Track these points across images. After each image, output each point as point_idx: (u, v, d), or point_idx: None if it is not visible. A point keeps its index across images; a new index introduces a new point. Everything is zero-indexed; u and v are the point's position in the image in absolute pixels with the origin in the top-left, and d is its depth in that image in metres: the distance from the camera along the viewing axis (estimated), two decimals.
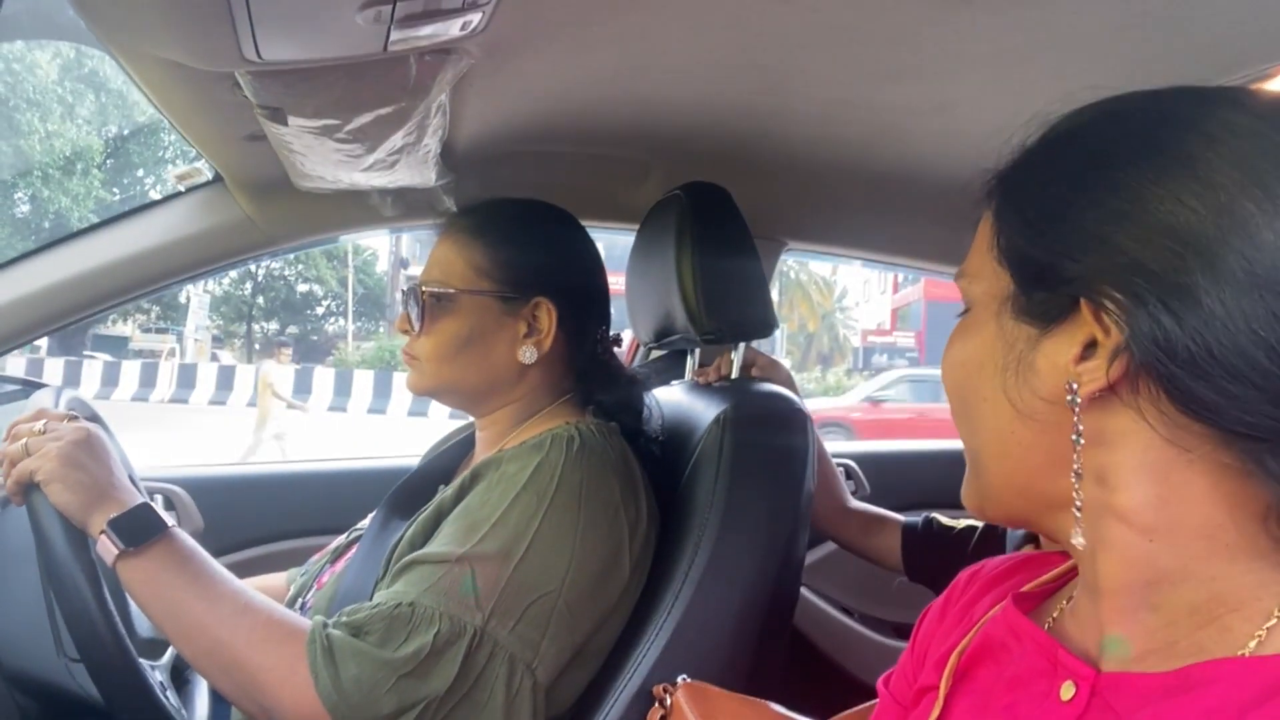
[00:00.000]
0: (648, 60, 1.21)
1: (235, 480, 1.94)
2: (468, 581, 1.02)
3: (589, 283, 1.28)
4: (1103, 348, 0.52)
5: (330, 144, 1.21)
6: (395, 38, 0.90)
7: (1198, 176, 0.50)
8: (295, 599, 1.26)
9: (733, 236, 1.35)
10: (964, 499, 0.64)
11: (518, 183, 1.70)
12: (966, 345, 0.60)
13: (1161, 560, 0.52)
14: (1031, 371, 0.55)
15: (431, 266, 1.24)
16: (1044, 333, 0.55)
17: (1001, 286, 0.57)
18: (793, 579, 1.23)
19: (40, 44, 19.84)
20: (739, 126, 1.49)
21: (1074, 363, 0.53)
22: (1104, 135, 0.55)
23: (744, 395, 1.29)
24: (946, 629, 0.71)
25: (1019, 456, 0.57)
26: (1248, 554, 0.51)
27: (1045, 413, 0.55)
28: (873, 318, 31.23)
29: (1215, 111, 0.52)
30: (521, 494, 1.07)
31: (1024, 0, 0.99)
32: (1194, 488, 0.51)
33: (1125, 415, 0.52)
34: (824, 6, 1.02)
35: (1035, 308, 0.55)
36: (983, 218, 0.62)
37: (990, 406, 0.58)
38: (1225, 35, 1.07)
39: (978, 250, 0.61)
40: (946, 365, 0.62)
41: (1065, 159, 0.56)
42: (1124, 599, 0.54)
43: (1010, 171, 0.59)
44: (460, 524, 1.08)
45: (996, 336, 0.57)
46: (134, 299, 1.62)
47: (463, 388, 1.23)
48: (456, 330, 1.20)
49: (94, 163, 21.53)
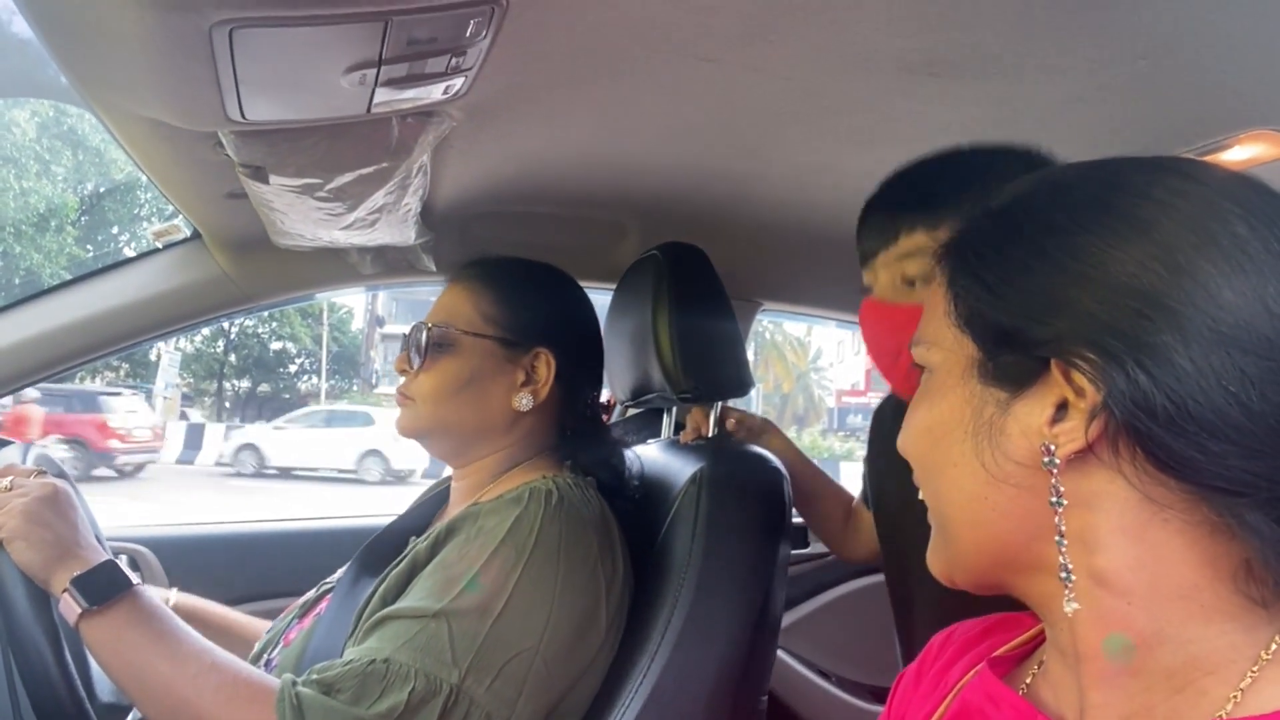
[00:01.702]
0: (626, 125, 1.23)
1: (203, 540, 1.90)
2: (444, 638, 1.00)
3: (587, 342, 1.31)
4: (1077, 408, 0.52)
5: (311, 202, 1.21)
6: (379, 100, 0.92)
7: (1154, 240, 0.51)
8: (260, 655, 1.23)
9: (709, 296, 1.37)
10: (931, 566, 0.63)
11: (496, 241, 1.72)
12: (932, 411, 0.60)
13: (1139, 623, 0.52)
14: (1003, 435, 0.55)
15: (438, 310, 1.26)
16: (1014, 396, 0.55)
17: (965, 353, 0.58)
18: (769, 640, 1.22)
19: (19, 102, 19.90)
20: (715, 189, 1.52)
21: (1047, 424, 0.53)
22: (1055, 202, 0.56)
23: (720, 454, 1.29)
24: (923, 695, 0.70)
25: (992, 521, 0.57)
26: (1221, 615, 0.51)
27: (1019, 476, 0.55)
28: (847, 378, 31.42)
29: (1162, 179, 0.54)
30: (500, 548, 1.06)
31: (988, 73, 1.03)
32: (1171, 547, 0.51)
33: (1101, 475, 0.52)
34: (797, 75, 1.05)
35: (1004, 372, 0.55)
36: (932, 288, 0.63)
37: (961, 471, 0.57)
38: (1180, 109, 1.12)
39: (932, 317, 0.61)
40: (911, 433, 0.62)
41: (1017, 226, 0.57)
42: (1104, 663, 0.54)
43: (960, 239, 0.60)
44: (436, 578, 1.06)
45: (964, 401, 0.57)
46: (107, 355, 1.60)
47: (456, 429, 1.23)
48: (457, 371, 1.21)
49: (68, 219, 21.43)
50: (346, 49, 0.81)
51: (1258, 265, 0.50)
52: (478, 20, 0.82)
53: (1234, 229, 0.51)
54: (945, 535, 0.61)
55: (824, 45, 0.97)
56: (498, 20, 0.83)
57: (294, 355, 28.08)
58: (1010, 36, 0.96)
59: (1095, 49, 0.98)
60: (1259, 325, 0.49)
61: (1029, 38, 0.96)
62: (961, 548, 0.59)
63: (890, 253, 1.05)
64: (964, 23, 0.93)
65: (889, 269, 1.06)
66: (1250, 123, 1.15)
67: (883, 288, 1.08)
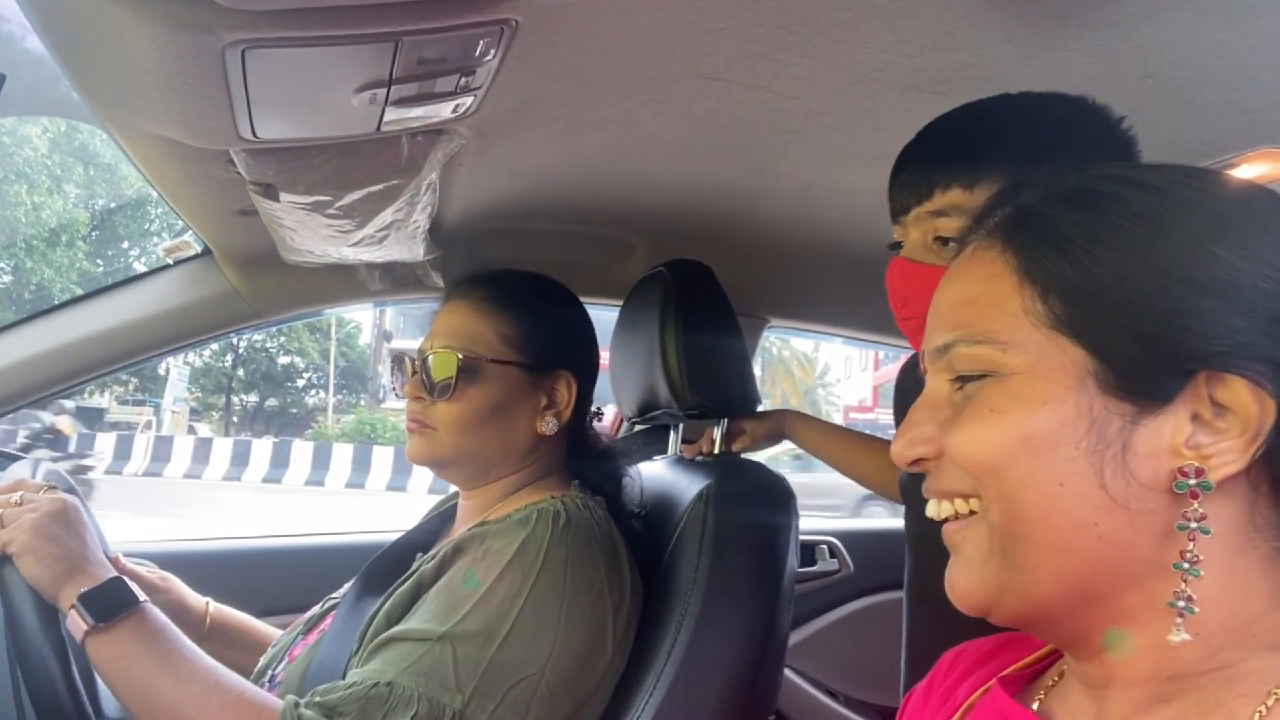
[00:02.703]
0: (633, 142, 1.24)
1: (210, 555, 1.90)
2: (448, 662, 1.00)
3: (596, 360, 1.31)
4: (1214, 427, 0.48)
5: (321, 219, 1.22)
6: (389, 119, 0.93)
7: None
8: (265, 671, 1.23)
9: (716, 313, 1.37)
10: (970, 590, 0.56)
11: (504, 258, 1.72)
12: (1032, 419, 0.52)
13: (1192, 655, 0.50)
14: (1133, 453, 0.49)
15: (452, 333, 1.21)
16: (1143, 410, 0.49)
17: (1070, 359, 0.51)
18: (776, 659, 1.21)
19: (33, 119, 20.08)
20: (722, 207, 1.52)
21: (1185, 444, 0.48)
22: (1148, 202, 0.52)
23: (727, 471, 1.29)
24: (930, 712, 0.69)
25: (1090, 550, 0.51)
26: (1268, 646, 0.50)
27: (1140, 500, 0.49)
28: (855, 394, 31.36)
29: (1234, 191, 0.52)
30: (506, 571, 1.06)
31: (993, 91, 1.02)
32: (1251, 579, 0.49)
33: (1227, 502, 0.48)
34: (804, 94, 1.05)
35: (1137, 384, 0.49)
36: (975, 268, 0.57)
37: (1069, 490, 0.51)
38: (1187, 127, 1.12)
39: (995, 312, 0.54)
40: (988, 440, 0.53)
41: (1110, 221, 0.52)
42: (1141, 691, 0.52)
43: (1033, 225, 0.55)
44: (441, 601, 1.06)
45: (1078, 414, 0.51)
46: (118, 370, 1.61)
47: (480, 458, 1.21)
48: (485, 399, 1.18)
49: (79, 234, 21.58)
50: (357, 69, 0.81)
51: None
52: (487, 40, 0.82)
53: None
54: (1014, 562, 0.53)
55: (830, 64, 0.98)
56: (507, 40, 0.84)
57: (302, 370, 28.15)
58: (1015, 55, 0.96)
59: (1101, 68, 0.98)
60: None
61: (1034, 56, 0.96)
62: (1034, 575, 0.53)
63: (923, 209, 0.99)
64: (969, 42, 0.93)
65: (920, 226, 1.00)
66: (1257, 141, 1.15)
67: (913, 246, 1.01)
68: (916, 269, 1.01)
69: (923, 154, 1.00)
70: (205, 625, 1.38)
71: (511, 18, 0.81)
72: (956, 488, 0.56)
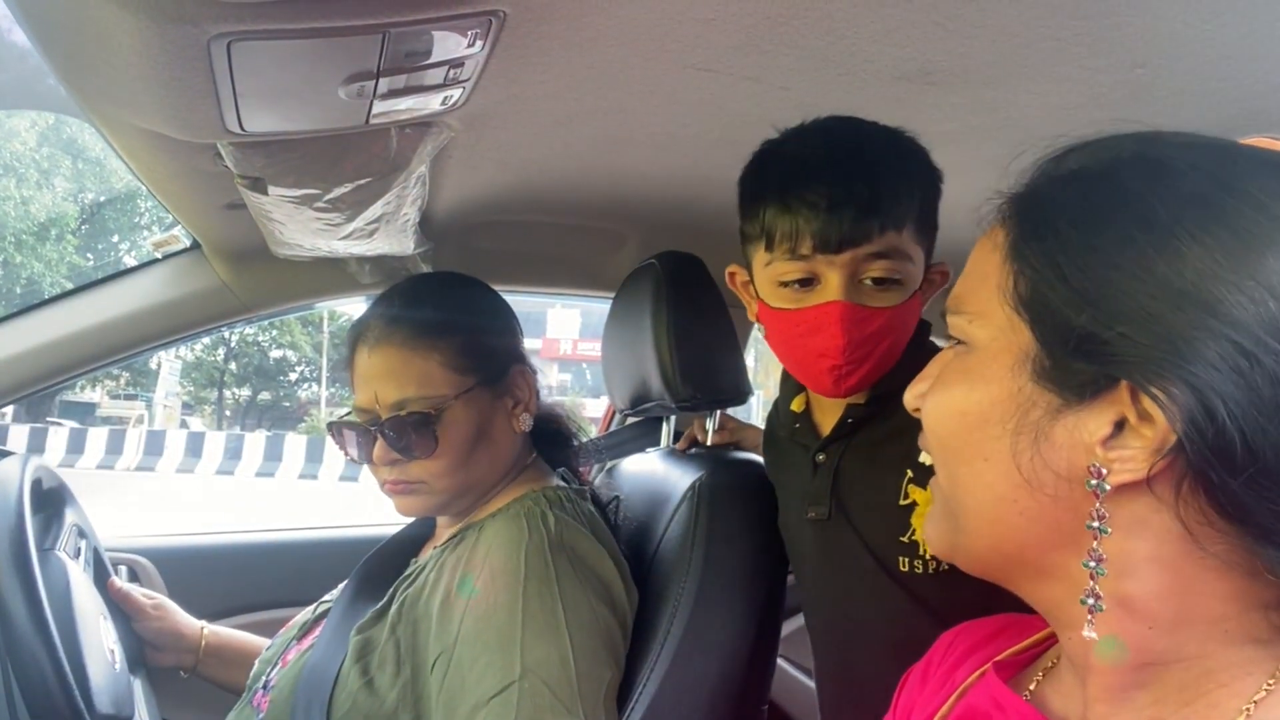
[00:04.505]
0: (623, 135, 1.24)
1: (203, 550, 1.90)
2: (544, 692, 0.97)
3: (523, 335, 1.28)
4: (1138, 433, 0.48)
5: (310, 213, 1.22)
6: (377, 111, 0.92)
7: (1271, 268, 0.46)
8: (259, 676, 1.23)
9: (708, 305, 1.37)
10: (929, 539, 0.60)
11: (494, 251, 1.72)
12: (970, 395, 0.54)
13: (1159, 645, 0.51)
14: (1048, 442, 0.50)
15: (403, 383, 1.12)
16: (1068, 405, 0.50)
17: (1019, 340, 0.52)
18: (770, 648, 1.22)
19: (20, 112, 19.95)
20: (713, 198, 1.52)
21: (1100, 444, 0.48)
22: (1156, 189, 0.49)
23: (719, 463, 1.29)
24: (929, 695, 0.70)
25: (1014, 524, 0.53)
26: (1243, 638, 0.50)
27: (1056, 487, 0.51)
28: None
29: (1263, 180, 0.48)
30: (528, 586, 1.03)
31: (983, 82, 1.03)
32: (1204, 580, 0.49)
33: (1146, 504, 0.48)
34: (794, 85, 1.05)
35: (1065, 378, 0.50)
36: (983, 242, 0.56)
37: (992, 468, 0.53)
38: (1178, 117, 1.12)
39: (980, 285, 0.55)
40: (939, 410, 0.57)
41: (1107, 207, 0.50)
42: (1114, 678, 0.53)
43: (1034, 202, 0.54)
44: (488, 645, 1.01)
45: (1008, 395, 0.52)
46: (108, 365, 1.61)
47: (479, 484, 1.18)
48: (464, 434, 1.13)
49: (69, 228, 21.47)
50: (345, 61, 0.81)
51: None
52: (475, 31, 0.82)
53: None
54: (957, 523, 0.57)
55: (820, 55, 0.98)
56: (495, 31, 0.84)
57: (294, 363, 28.06)
58: (1005, 46, 0.96)
59: (1091, 57, 0.98)
60: None
61: (1024, 46, 0.96)
62: (973, 540, 0.56)
63: (861, 251, 0.96)
64: (959, 32, 0.93)
65: (856, 266, 0.96)
66: (1247, 129, 1.14)
67: (837, 286, 0.96)
68: (868, 312, 0.97)
69: (853, 190, 0.95)
70: (200, 650, 1.37)
71: (499, 9, 0.80)
72: (925, 444, 0.59)
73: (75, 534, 1.27)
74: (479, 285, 1.29)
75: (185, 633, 1.37)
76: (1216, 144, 0.52)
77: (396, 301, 1.20)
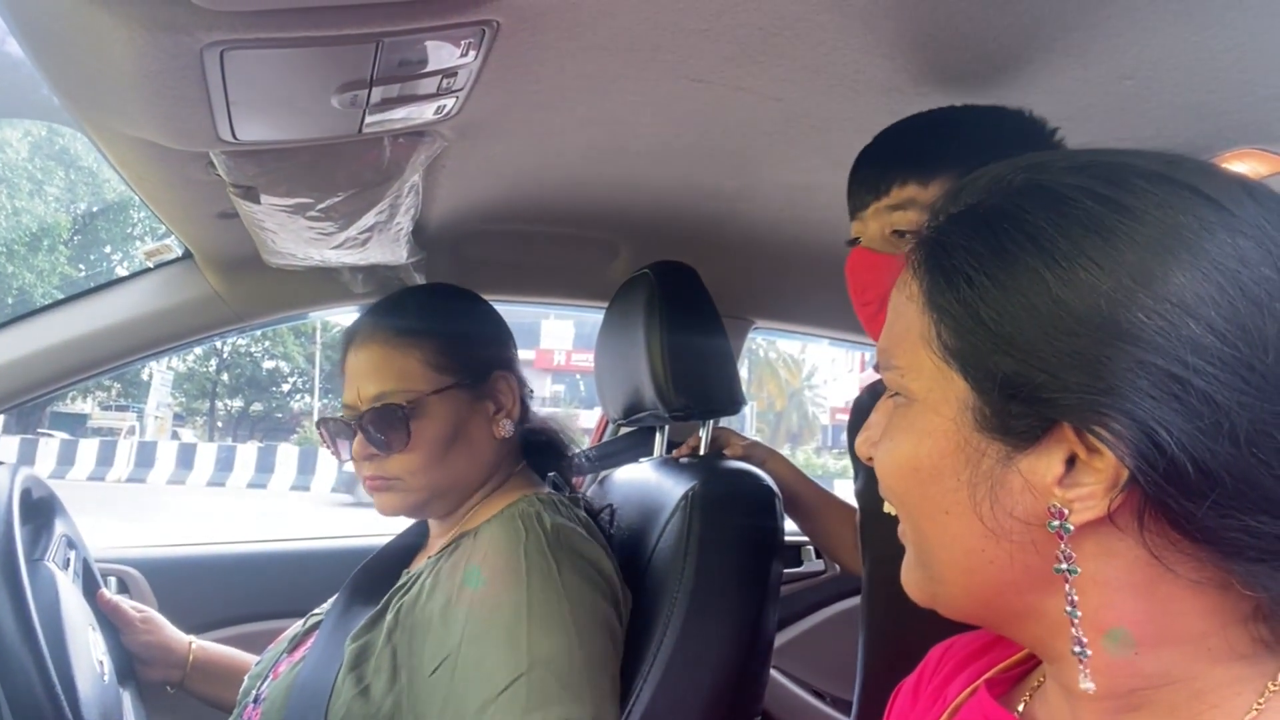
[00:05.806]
0: (617, 144, 1.24)
1: (193, 561, 1.89)
2: (551, 682, 0.97)
3: (515, 345, 1.29)
4: (1091, 468, 0.47)
5: (302, 222, 1.22)
6: (370, 121, 0.92)
7: (1186, 293, 0.45)
8: (250, 690, 1.22)
9: (701, 315, 1.37)
10: (908, 588, 0.58)
11: (487, 260, 1.72)
12: (919, 449, 0.53)
13: (1146, 668, 0.50)
14: (1005, 490, 0.50)
15: (383, 379, 1.16)
16: (1017, 450, 0.49)
17: (955, 390, 0.51)
18: (762, 660, 1.21)
19: (12, 121, 19.91)
20: (706, 208, 1.52)
21: (1057, 484, 0.48)
22: (1054, 219, 0.49)
23: (712, 473, 1.29)
24: (920, 711, 0.69)
25: (987, 573, 0.52)
26: (1229, 655, 0.50)
27: (1020, 532, 0.50)
28: (841, 395, 31.46)
29: (1192, 209, 0.47)
30: (531, 581, 1.03)
31: (972, 94, 1.03)
32: (1179, 599, 0.49)
33: (1111, 534, 0.48)
34: (786, 96, 1.06)
35: (1007, 424, 0.49)
36: (897, 293, 0.56)
37: (955, 520, 0.52)
38: (1166, 128, 1.13)
39: (904, 336, 0.54)
40: (891, 465, 0.55)
41: (1012, 244, 0.49)
42: (1105, 704, 0.53)
43: (939, 245, 0.53)
44: (495, 642, 1.01)
45: (957, 448, 0.51)
46: (100, 374, 1.60)
47: (456, 486, 1.18)
48: (440, 433, 1.15)
49: (60, 239, 21.41)
50: (338, 70, 0.81)
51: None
52: (468, 41, 0.82)
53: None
54: (930, 573, 0.56)
55: (812, 66, 0.98)
56: (488, 41, 0.84)
57: (287, 374, 28.00)
58: (994, 58, 0.97)
59: (1080, 69, 0.99)
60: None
61: (1013, 59, 0.97)
62: (950, 589, 0.55)
63: (880, 204, 1.02)
64: (949, 45, 0.94)
65: (878, 220, 1.03)
66: (1235, 142, 1.16)
67: (871, 239, 1.05)
68: (875, 257, 1.05)
69: (879, 153, 1.05)
70: (188, 665, 1.36)
71: (493, 19, 0.81)
72: (885, 496, 0.58)
73: (64, 544, 1.26)
74: (471, 295, 1.30)
75: (173, 647, 1.36)
76: (1103, 163, 0.50)
77: (389, 308, 1.24)
